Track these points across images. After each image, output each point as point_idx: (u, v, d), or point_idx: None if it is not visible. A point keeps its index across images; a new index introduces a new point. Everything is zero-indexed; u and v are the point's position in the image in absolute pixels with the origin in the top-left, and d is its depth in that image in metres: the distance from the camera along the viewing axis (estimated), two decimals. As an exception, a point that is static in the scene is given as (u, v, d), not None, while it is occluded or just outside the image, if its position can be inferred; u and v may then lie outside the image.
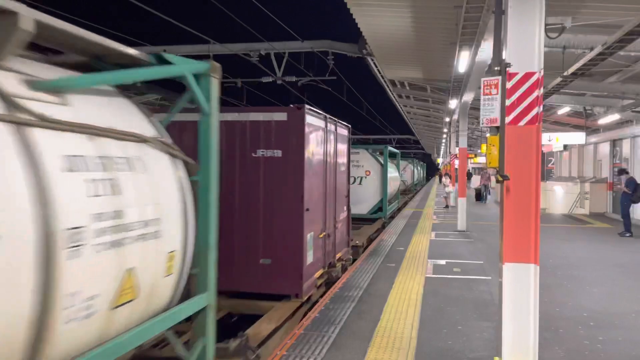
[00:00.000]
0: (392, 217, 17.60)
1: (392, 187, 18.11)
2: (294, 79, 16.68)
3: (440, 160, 50.71)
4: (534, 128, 4.11)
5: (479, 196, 25.71)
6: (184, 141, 4.34)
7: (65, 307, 2.17)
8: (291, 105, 6.57)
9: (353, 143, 11.38)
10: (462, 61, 10.18)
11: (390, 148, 17.10)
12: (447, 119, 21.69)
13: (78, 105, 2.54)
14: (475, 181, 36.93)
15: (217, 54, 15.63)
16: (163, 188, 3.01)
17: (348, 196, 9.32)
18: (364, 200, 15.15)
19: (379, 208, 15.67)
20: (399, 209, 21.13)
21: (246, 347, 4.64)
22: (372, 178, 15.39)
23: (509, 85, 4.11)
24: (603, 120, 16.44)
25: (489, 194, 26.43)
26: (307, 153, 6.52)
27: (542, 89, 4.14)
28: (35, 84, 2.31)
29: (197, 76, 3.33)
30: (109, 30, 12.71)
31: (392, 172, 18.01)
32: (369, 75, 17.17)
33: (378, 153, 16.59)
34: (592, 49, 8.81)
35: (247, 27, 12.89)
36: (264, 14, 12.20)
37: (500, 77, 4.18)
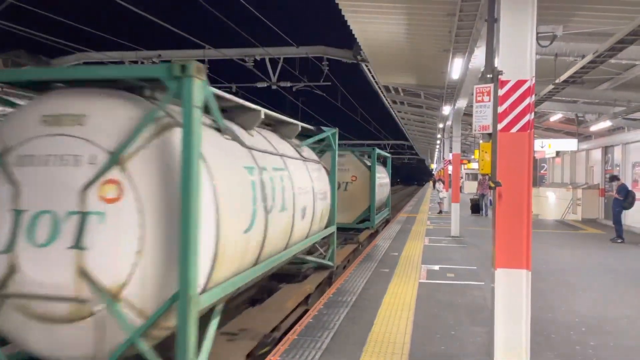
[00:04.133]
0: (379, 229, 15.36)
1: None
2: (288, 84, 16.75)
3: (434, 166, 50.85)
4: (525, 135, 4.16)
5: (476, 207, 21.14)
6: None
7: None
8: None
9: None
10: (456, 68, 10.26)
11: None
12: (441, 125, 21.78)
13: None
14: (471, 189, 36.03)
15: (212, 59, 15.65)
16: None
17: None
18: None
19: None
20: (388, 220, 18.28)
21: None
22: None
23: (501, 92, 4.16)
24: (595, 127, 16.58)
25: (489, 203, 19.77)
26: None
27: (534, 97, 4.19)
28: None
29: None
30: (105, 34, 12.70)
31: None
32: (363, 81, 17.28)
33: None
34: (583, 56, 8.90)
35: (242, 33, 12.94)
36: (259, 20, 12.25)
37: (492, 85, 4.23)
